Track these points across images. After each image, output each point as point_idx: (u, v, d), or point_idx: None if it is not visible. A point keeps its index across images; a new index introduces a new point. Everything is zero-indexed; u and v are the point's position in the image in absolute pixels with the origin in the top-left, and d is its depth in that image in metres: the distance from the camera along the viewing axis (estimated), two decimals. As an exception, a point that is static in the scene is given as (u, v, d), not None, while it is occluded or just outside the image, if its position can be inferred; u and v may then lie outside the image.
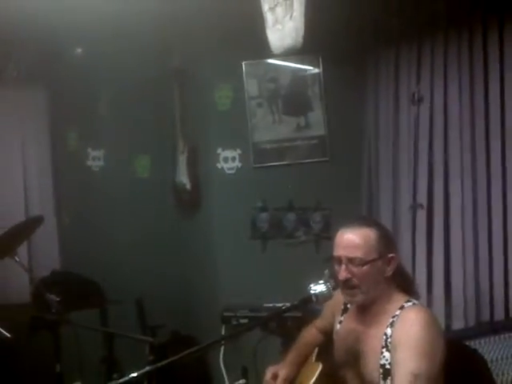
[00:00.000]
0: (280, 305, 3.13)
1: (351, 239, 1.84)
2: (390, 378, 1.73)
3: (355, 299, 1.87)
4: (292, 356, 2.16)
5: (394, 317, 1.80)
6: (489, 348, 2.62)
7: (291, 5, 1.99)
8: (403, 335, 1.73)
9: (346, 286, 1.84)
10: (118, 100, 3.88)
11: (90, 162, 3.96)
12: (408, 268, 3.08)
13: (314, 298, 1.80)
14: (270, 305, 3.15)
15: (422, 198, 3.11)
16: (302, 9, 1.99)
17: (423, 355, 1.68)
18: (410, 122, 3.10)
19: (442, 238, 3.04)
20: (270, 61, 3.43)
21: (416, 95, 3.08)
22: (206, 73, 3.56)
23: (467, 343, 2.43)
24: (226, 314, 3.22)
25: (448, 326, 2.92)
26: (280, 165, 3.50)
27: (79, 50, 3.76)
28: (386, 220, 3.17)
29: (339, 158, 3.46)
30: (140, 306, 3.77)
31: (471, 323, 2.90)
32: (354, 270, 1.82)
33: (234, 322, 3.22)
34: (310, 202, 3.46)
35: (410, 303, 1.83)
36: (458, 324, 2.94)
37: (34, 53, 3.71)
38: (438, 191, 3.06)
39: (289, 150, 3.51)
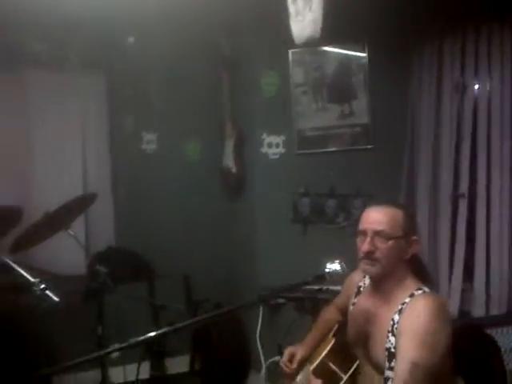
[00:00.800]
0: (317, 287, 3.26)
1: (379, 215, 1.91)
2: (394, 361, 1.78)
3: (373, 269, 1.90)
4: (310, 337, 2.25)
5: (403, 304, 1.84)
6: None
7: (311, -3, 2.07)
8: (408, 324, 1.77)
9: (368, 258, 1.89)
10: (171, 86, 4.06)
11: (144, 145, 4.17)
12: (445, 256, 3.13)
13: (327, 276, 1.89)
14: (309, 287, 3.25)
15: (464, 187, 3.12)
16: (321, 1, 2.06)
17: (425, 345, 1.72)
18: (453, 110, 3.10)
19: (484, 227, 3.04)
20: (316, 49, 3.50)
21: (460, 84, 3.07)
22: (253, 60, 3.68)
23: (497, 329, 2.45)
24: (264, 293, 3.35)
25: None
26: (323, 152, 3.58)
27: (133, 39, 3.94)
28: (424, 208, 3.21)
29: (382, 146, 3.50)
30: (187, 281, 3.98)
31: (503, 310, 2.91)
32: (379, 243, 1.87)
33: (272, 302, 3.35)
34: (351, 188, 3.53)
35: (420, 291, 1.87)
36: (493, 311, 2.96)
37: (93, 41, 3.92)
38: (481, 180, 3.05)
39: (332, 137, 3.58)
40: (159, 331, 1.78)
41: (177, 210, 4.09)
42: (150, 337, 1.76)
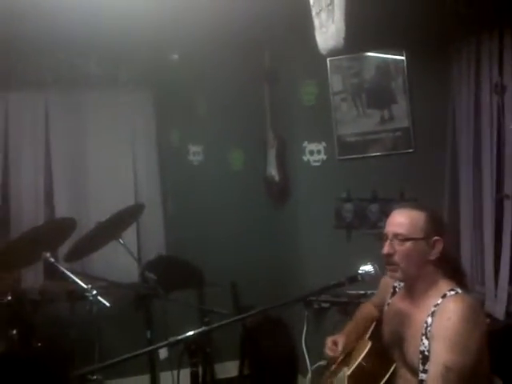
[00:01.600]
0: (362, 292, 3.28)
1: (399, 217, 1.95)
2: (428, 363, 1.79)
3: (395, 275, 1.95)
4: (349, 327, 2.31)
5: (435, 306, 1.85)
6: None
7: (332, 10, 2.13)
8: (440, 327, 1.78)
9: (388, 261, 1.94)
10: (215, 99, 4.20)
11: (190, 157, 4.33)
12: (490, 257, 3.08)
13: (359, 277, 1.93)
14: (353, 292, 3.28)
15: (508, 188, 3.07)
16: (342, 13, 2.12)
17: (456, 348, 1.73)
18: (493, 111, 3.06)
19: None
20: (354, 56, 3.54)
21: (498, 84, 3.03)
22: (292, 71, 3.76)
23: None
24: (308, 298, 3.40)
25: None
26: (364, 157, 3.60)
27: (178, 55, 4.11)
28: (468, 210, 3.17)
29: (423, 150, 3.48)
30: (234, 288, 4.07)
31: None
32: (397, 246, 1.91)
33: (316, 306, 3.40)
34: (393, 192, 3.52)
35: (452, 292, 1.87)
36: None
37: (141, 59, 4.13)
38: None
39: (373, 142, 3.59)
40: (197, 330, 1.86)
41: (223, 219, 4.20)
42: (189, 336, 1.85)
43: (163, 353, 3.14)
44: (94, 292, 2.76)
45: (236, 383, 4.01)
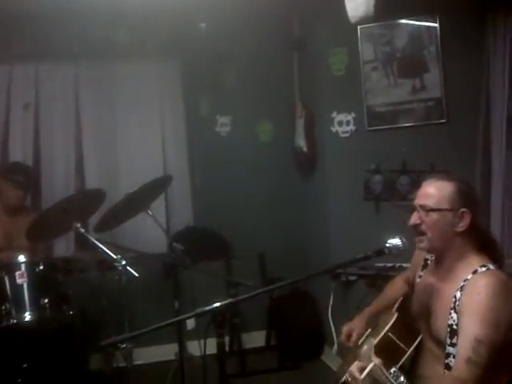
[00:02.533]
0: (390, 264, 3.25)
1: (427, 188, 1.94)
2: (456, 337, 1.78)
3: (421, 245, 1.94)
4: (373, 307, 2.29)
5: (465, 280, 1.83)
6: None
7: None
8: (470, 301, 1.77)
9: (416, 231, 1.93)
10: (243, 69, 4.16)
11: (218, 128, 4.31)
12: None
13: (386, 251, 1.91)
14: (381, 264, 3.25)
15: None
16: None
17: (488, 322, 1.71)
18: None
19: None
20: (385, 24, 3.44)
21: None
22: (321, 39, 3.68)
23: None
24: (335, 270, 3.39)
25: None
26: (394, 127, 3.52)
27: (206, 24, 4.05)
28: (499, 182, 3.10)
29: (456, 120, 3.40)
30: (261, 260, 4.10)
31: None
32: (423, 216, 1.90)
33: (343, 279, 3.39)
34: (424, 164, 3.45)
35: (484, 268, 1.83)
36: None
37: (168, 28, 4.08)
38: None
39: (404, 112, 3.51)
40: (224, 302, 1.88)
41: (251, 191, 4.20)
42: (216, 307, 1.86)
43: (190, 323, 3.18)
44: (124, 262, 2.80)
45: (263, 353, 4.05)
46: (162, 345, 3.64)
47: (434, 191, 1.91)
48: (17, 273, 2.82)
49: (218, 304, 1.86)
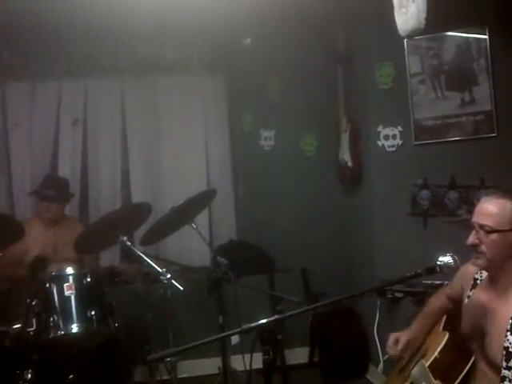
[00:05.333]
0: (438, 282, 3.16)
1: (486, 207, 1.87)
2: None
3: (478, 262, 1.88)
4: (417, 324, 2.24)
5: None
6: None
7: (414, -11, 2.02)
8: None
9: (473, 251, 1.87)
10: (288, 83, 4.16)
11: (262, 142, 4.30)
12: None
13: (437, 269, 1.86)
14: (428, 282, 3.17)
15: None
16: None
17: None
18: None
19: None
20: (433, 36, 3.38)
21: None
22: (367, 52, 3.65)
23: None
24: (378, 285, 3.31)
25: None
26: (442, 141, 3.44)
27: (250, 39, 4.08)
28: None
29: (507, 134, 3.29)
30: (304, 274, 4.06)
31: None
32: (482, 237, 1.84)
33: (390, 296, 3.32)
34: (473, 179, 3.36)
35: None
36: None
37: (214, 44, 4.13)
38: None
39: (452, 126, 3.43)
40: (270, 318, 1.86)
41: (295, 205, 4.17)
42: (262, 323, 1.84)
43: (235, 338, 3.17)
44: (169, 275, 2.82)
45: (306, 370, 4.00)
46: (205, 358, 3.63)
47: (494, 210, 1.85)
48: (65, 285, 2.87)
49: (264, 320, 1.84)
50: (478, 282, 2.00)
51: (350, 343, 3.84)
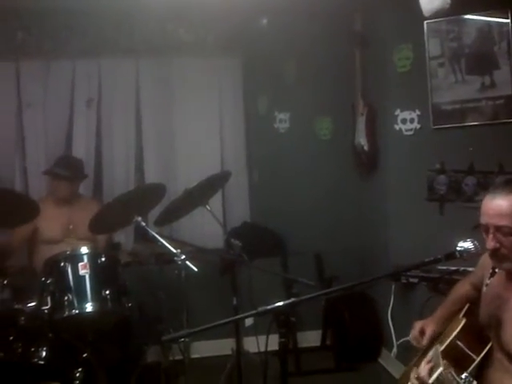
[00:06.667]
0: (454, 268, 3.13)
1: (499, 206, 1.74)
2: None
3: (503, 266, 1.81)
4: (441, 312, 2.19)
5: None
6: None
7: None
8: None
9: (495, 255, 1.78)
10: (303, 66, 4.11)
11: (277, 125, 4.27)
12: None
13: (457, 254, 1.83)
14: (444, 267, 3.14)
15: None
16: None
17: None
18: None
19: None
20: (453, 19, 3.31)
21: None
22: (386, 34, 3.58)
23: None
24: (395, 270, 3.29)
25: None
26: (461, 126, 3.39)
27: (266, 20, 4.02)
28: None
29: (528, 119, 3.24)
30: (318, 258, 4.04)
31: None
32: (503, 239, 1.74)
33: (404, 281, 3.29)
34: (492, 165, 3.31)
35: None
36: None
37: (230, 25, 4.08)
38: None
39: (471, 110, 3.37)
40: (287, 301, 1.85)
41: (309, 188, 4.15)
42: (278, 306, 1.83)
43: (249, 320, 3.17)
44: (183, 257, 2.81)
45: (318, 353, 4.00)
46: (218, 339, 3.64)
47: (507, 209, 1.72)
48: (79, 264, 2.86)
49: (280, 303, 1.83)
50: (496, 270, 1.96)
51: (363, 327, 3.84)
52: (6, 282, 2.82)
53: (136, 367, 3.36)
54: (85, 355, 2.90)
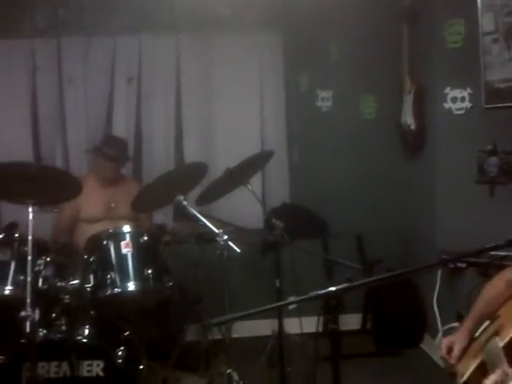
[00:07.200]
0: (504, 253, 3.01)
1: None
2: None
3: None
4: (471, 321, 2.00)
5: None
6: None
7: None
8: None
9: None
10: (347, 41, 3.99)
11: (319, 103, 4.16)
12: None
13: (521, 240, 1.72)
14: (494, 252, 3.02)
15: None
16: None
17: None
18: None
19: None
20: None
21: None
22: (436, 9, 3.43)
23: None
24: (444, 256, 3.20)
25: None
26: (515, 105, 3.24)
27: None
28: None
29: None
30: (360, 241, 3.96)
31: None
32: None
33: (451, 265, 3.19)
34: (547, 146, 3.17)
35: None
36: None
37: (270, 0, 3.96)
38: None
39: (527, 89, 3.22)
40: (340, 286, 1.78)
41: (352, 168, 4.06)
42: (331, 291, 1.77)
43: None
44: (225, 237, 2.76)
45: (358, 336, 3.94)
46: (258, 320, 3.60)
47: None
48: (122, 242, 2.84)
49: (333, 288, 1.76)
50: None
51: (404, 312, 3.77)
52: (48, 259, 2.82)
53: (176, 346, 3.37)
54: (126, 334, 2.90)
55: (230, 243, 2.77)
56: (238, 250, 2.75)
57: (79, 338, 2.66)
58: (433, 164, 3.54)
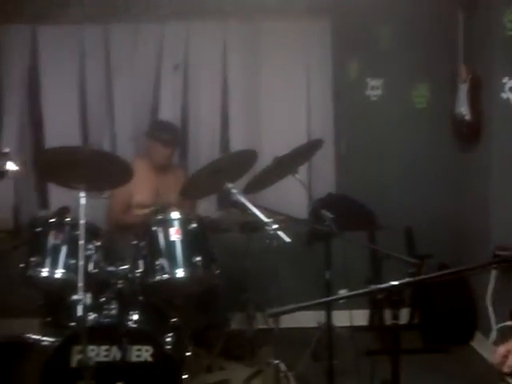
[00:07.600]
0: None
1: None
2: None
3: None
4: None
5: None
6: None
7: None
8: None
9: None
10: (399, 28, 3.88)
11: (368, 92, 4.06)
12: None
13: None
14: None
15: None
16: None
17: None
18: None
19: None
20: None
21: None
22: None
23: None
24: (498, 252, 3.10)
25: None
26: None
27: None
28: None
29: None
30: (409, 234, 3.86)
31: None
32: None
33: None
34: None
35: None
36: None
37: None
38: None
39: None
40: (402, 281, 1.73)
41: (402, 160, 3.96)
42: (393, 285, 1.72)
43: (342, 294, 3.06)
44: (275, 226, 2.72)
45: (405, 331, 3.84)
46: (305, 311, 3.56)
47: None
48: (171, 229, 2.84)
49: (396, 282, 1.71)
50: None
51: (454, 307, 3.67)
52: (99, 244, 2.84)
53: (221, 334, 3.36)
54: (173, 320, 2.90)
55: (280, 233, 2.72)
56: (288, 240, 2.70)
57: (129, 323, 2.67)
58: (488, 156, 3.42)
